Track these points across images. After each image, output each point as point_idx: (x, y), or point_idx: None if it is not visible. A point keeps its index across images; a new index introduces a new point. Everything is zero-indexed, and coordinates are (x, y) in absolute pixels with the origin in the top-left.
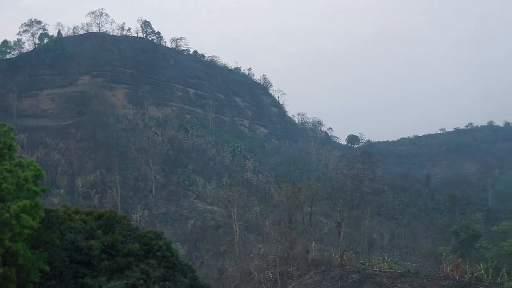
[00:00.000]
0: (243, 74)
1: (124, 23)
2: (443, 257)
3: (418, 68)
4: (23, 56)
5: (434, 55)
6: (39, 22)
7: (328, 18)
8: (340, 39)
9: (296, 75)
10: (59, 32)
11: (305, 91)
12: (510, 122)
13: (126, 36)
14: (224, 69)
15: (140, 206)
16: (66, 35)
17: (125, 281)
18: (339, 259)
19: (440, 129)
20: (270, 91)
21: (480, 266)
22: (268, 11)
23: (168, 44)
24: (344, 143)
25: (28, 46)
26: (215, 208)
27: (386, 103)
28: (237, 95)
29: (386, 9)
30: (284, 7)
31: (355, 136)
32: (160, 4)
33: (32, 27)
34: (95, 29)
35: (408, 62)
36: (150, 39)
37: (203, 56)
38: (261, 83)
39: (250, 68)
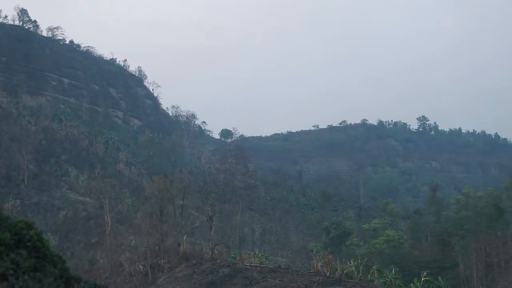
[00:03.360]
0: (119, 65)
1: (0, 10)
2: (314, 253)
3: (295, 66)
4: None
5: (309, 53)
6: None
7: (209, 13)
8: (219, 34)
9: (173, 69)
10: None
11: (181, 84)
12: (384, 120)
13: (2, 24)
14: (99, 59)
15: (12, 195)
16: None
17: None
18: (210, 253)
19: (313, 126)
20: (145, 83)
21: (350, 263)
22: (147, 3)
23: (45, 33)
24: (218, 137)
25: None
26: (87, 199)
27: (261, 99)
28: (112, 86)
29: (263, 7)
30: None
31: (229, 130)
32: None
33: None
34: None
35: (285, 60)
36: (26, 27)
37: (79, 46)
38: (136, 75)
39: (126, 59)
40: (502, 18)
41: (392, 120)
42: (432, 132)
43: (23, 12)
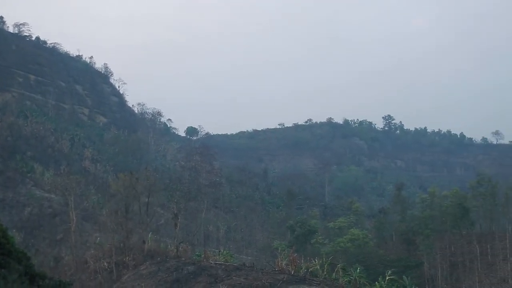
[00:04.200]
0: (85, 62)
1: None
2: (279, 251)
3: (262, 65)
4: None
5: (277, 52)
6: None
7: (177, 11)
8: (187, 32)
9: (141, 66)
10: None
11: (149, 81)
12: (349, 119)
13: None
14: (66, 56)
15: None
16: None
17: None
18: (175, 250)
19: (279, 124)
20: (111, 81)
21: (315, 262)
22: (115, 0)
23: (11, 30)
24: (183, 134)
25: None
26: (53, 196)
27: (227, 97)
28: (78, 83)
29: (232, 6)
30: None
31: (194, 128)
32: None
33: None
34: None
35: (252, 58)
36: None
37: (45, 42)
38: (103, 72)
39: (92, 56)
40: (472, 20)
41: (357, 119)
42: (398, 131)
43: None
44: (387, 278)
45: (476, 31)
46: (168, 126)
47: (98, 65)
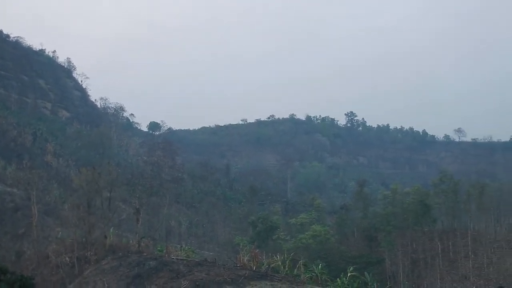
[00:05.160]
0: (48, 56)
1: None
2: (241, 247)
3: (225, 60)
4: None
5: (240, 48)
6: None
7: (143, 5)
8: (152, 27)
9: (105, 60)
10: None
11: (112, 76)
12: (312, 115)
13: None
14: (29, 50)
15: None
16: None
17: None
18: (137, 245)
19: (242, 120)
20: (74, 75)
21: (277, 258)
22: None
23: None
24: (146, 129)
25: None
26: (15, 190)
27: (190, 92)
28: (40, 77)
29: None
30: None
31: (157, 123)
32: None
33: None
34: None
35: (216, 54)
36: None
37: (8, 36)
38: (65, 66)
39: (55, 50)
40: (439, 16)
41: (320, 115)
42: (360, 128)
43: None
44: (348, 275)
45: (444, 30)
46: (131, 121)
47: (61, 59)
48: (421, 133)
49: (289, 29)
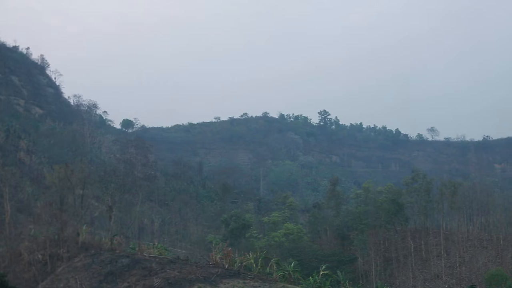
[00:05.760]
0: (21, 53)
1: None
2: (213, 245)
3: (198, 58)
4: None
5: (213, 45)
6: None
7: (111, 1)
8: (127, 24)
9: (79, 57)
10: None
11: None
12: (285, 114)
13: None
14: (2, 47)
15: None
16: None
17: None
18: (109, 243)
19: (215, 118)
20: (47, 72)
21: (249, 256)
22: None
23: None
24: (119, 127)
25: None
26: None
27: (164, 90)
28: (13, 74)
29: None
30: None
31: (130, 120)
32: None
33: None
34: None
35: (189, 51)
36: None
37: None
38: (39, 63)
39: (29, 47)
40: (406, 13)
41: (293, 114)
42: (333, 127)
43: None
44: (321, 273)
45: (420, 30)
46: (104, 118)
47: (35, 56)
48: (394, 132)
49: (263, 27)
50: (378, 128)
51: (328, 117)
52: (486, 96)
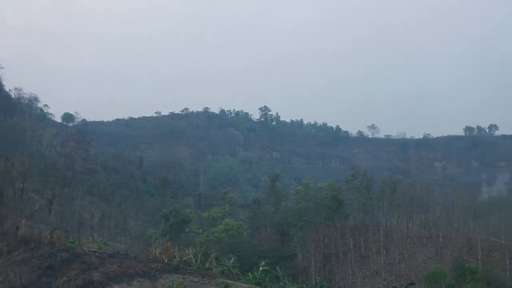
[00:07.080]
0: None
1: None
2: (153, 239)
3: (140, 51)
4: None
5: (155, 37)
6: None
7: None
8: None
9: (22, 51)
10: None
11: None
12: (225, 109)
13: None
14: None
15: None
16: None
17: None
18: (49, 237)
19: (155, 112)
20: None
21: (189, 251)
22: None
23: None
24: (60, 121)
25: None
26: None
27: (105, 84)
28: None
29: None
30: None
31: (71, 114)
32: None
33: None
34: None
35: (131, 44)
36: None
37: None
38: None
39: None
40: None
41: (234, 109)
42: (274, 123)
43: None
44: (260, 269)
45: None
46: (45, 111)
47: None
48: (334, 129)
49: (203, 21)
50: (318, 124)
51: (269, 113)
52: (428, 97)
